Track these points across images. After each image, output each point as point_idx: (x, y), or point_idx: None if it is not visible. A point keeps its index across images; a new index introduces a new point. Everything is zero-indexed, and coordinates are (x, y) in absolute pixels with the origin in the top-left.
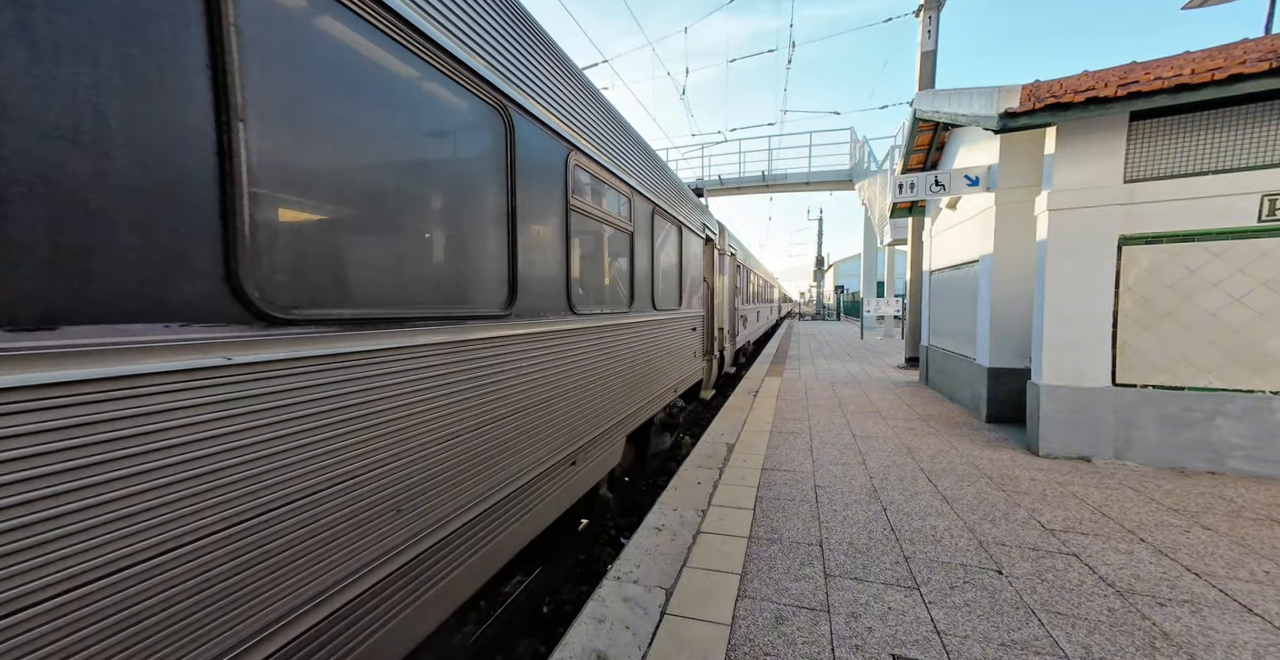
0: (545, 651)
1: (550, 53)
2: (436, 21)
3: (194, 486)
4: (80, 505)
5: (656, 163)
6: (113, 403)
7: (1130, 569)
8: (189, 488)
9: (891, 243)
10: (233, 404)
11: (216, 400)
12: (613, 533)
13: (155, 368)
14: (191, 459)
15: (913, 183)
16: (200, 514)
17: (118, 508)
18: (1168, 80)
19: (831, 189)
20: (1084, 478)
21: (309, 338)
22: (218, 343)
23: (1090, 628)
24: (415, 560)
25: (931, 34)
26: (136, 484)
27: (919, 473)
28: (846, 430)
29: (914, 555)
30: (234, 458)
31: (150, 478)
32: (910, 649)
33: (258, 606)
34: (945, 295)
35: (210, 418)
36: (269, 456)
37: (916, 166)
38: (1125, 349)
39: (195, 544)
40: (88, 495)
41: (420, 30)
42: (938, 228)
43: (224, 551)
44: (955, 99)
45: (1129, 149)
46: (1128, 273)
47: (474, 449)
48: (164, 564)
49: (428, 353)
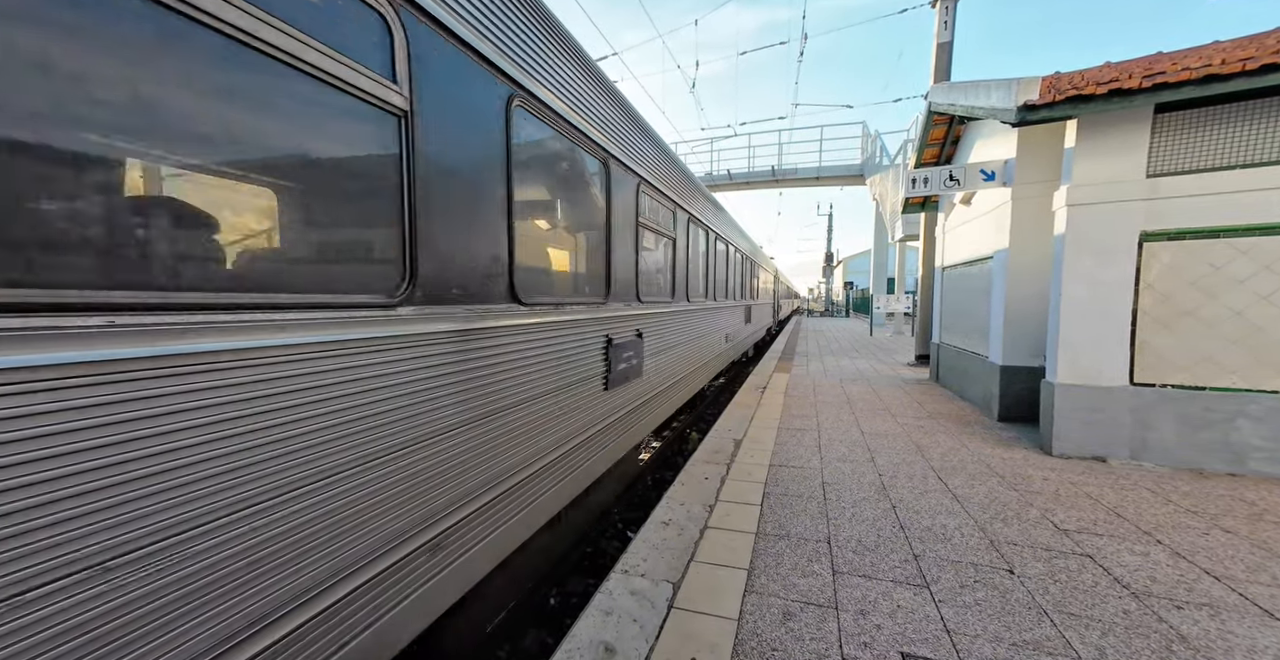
0: (553, 643)
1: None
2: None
3: (516, 381)
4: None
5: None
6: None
7: (1146, 571)
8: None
9: (903, 238)
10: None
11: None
12: (619, 526)
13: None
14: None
15: (926, 177)
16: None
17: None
18: (1195, 71)
19: (842, 184)
20: (1099, 478)
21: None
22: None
23: (1105, 629)
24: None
25: (948, 25)
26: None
27: (929, 471)
28: (855, 427)
29: (923, 553)
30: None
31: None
32: (920, 647)
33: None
34: (958, 292)
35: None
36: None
37: (930, 161)
38: (1144, 348)
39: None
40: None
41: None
42: (951, 223)
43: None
44: (972, 92)
45: (1153, 142)
46: (1148, 270)
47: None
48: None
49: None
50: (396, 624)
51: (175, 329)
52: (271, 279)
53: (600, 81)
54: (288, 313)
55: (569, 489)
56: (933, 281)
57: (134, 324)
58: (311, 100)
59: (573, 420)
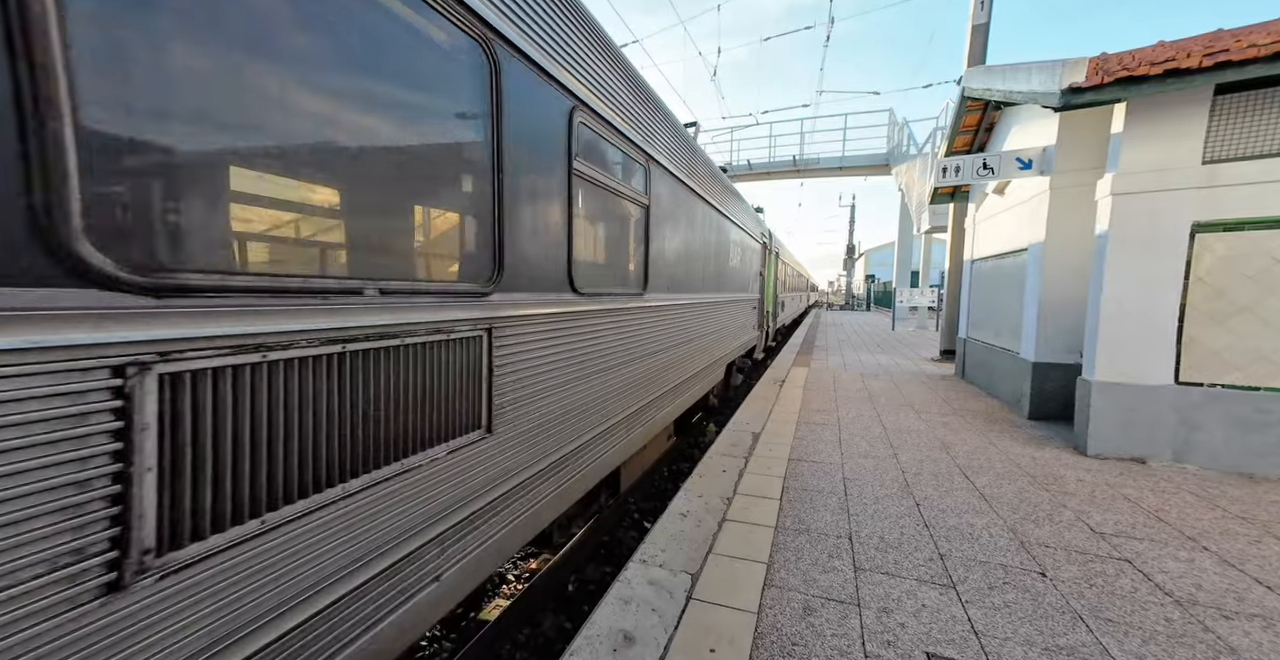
0: (571, 628)
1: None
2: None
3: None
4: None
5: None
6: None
7: (1191, 578)
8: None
9: (929, 230)
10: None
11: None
12: (636, 516)
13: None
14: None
15: (958, 166)
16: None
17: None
18: (1263, 47)
19: (866, 174)
20: (1138, 480)
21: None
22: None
23: (1145, 637)
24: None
25: (984, 5)
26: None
27: (954, 469)
28: (877, 423)
29: (949, 553)
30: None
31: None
32: (946, 648)
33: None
34: (987, 286)
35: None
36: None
37: (962, 149)
38: (1192, 345)
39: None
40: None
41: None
42: (982, 214)
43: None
44: (1011, 75)
45: (1211, 126)
46: (1200, 262)
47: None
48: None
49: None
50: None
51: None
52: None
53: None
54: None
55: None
56: (961, 275)
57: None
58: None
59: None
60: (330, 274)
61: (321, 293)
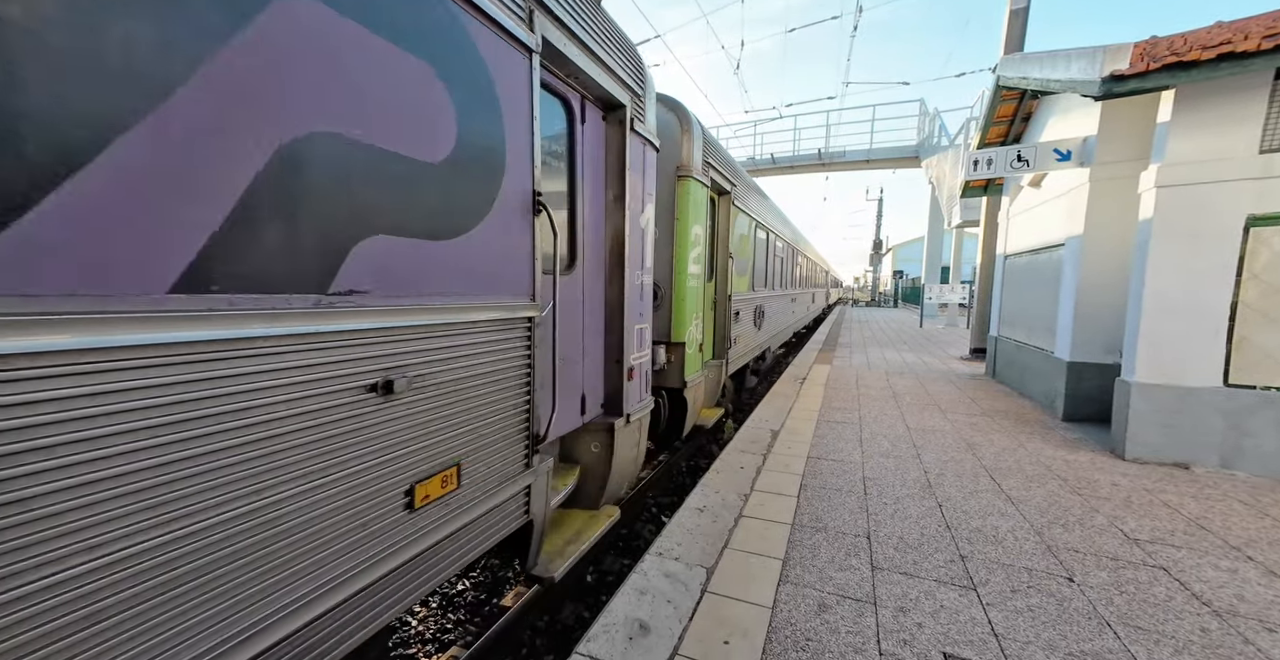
0: (589, 617)
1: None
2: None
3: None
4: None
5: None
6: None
7: (1233, 588)
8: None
9: (961, 224)
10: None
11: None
12: (654, 510)
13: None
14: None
15: (991, 158)
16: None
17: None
18: None
19: (895, 167)
20: (1179, 486)
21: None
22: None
23: (1178, 647)
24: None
25: None
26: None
27: (980, 470)
28: (901, 422)
29: (971, 555)
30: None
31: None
32: (964, 649)
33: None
34: (1021, 282)
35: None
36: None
37: (996, 140)
38: (1243, 345)
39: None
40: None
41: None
42: (1016, 208)
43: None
44: (1049, 63)
45: (1270, 113)
46: (1255, 258)
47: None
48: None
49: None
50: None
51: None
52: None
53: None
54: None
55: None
56: (993, 270)
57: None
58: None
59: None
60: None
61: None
